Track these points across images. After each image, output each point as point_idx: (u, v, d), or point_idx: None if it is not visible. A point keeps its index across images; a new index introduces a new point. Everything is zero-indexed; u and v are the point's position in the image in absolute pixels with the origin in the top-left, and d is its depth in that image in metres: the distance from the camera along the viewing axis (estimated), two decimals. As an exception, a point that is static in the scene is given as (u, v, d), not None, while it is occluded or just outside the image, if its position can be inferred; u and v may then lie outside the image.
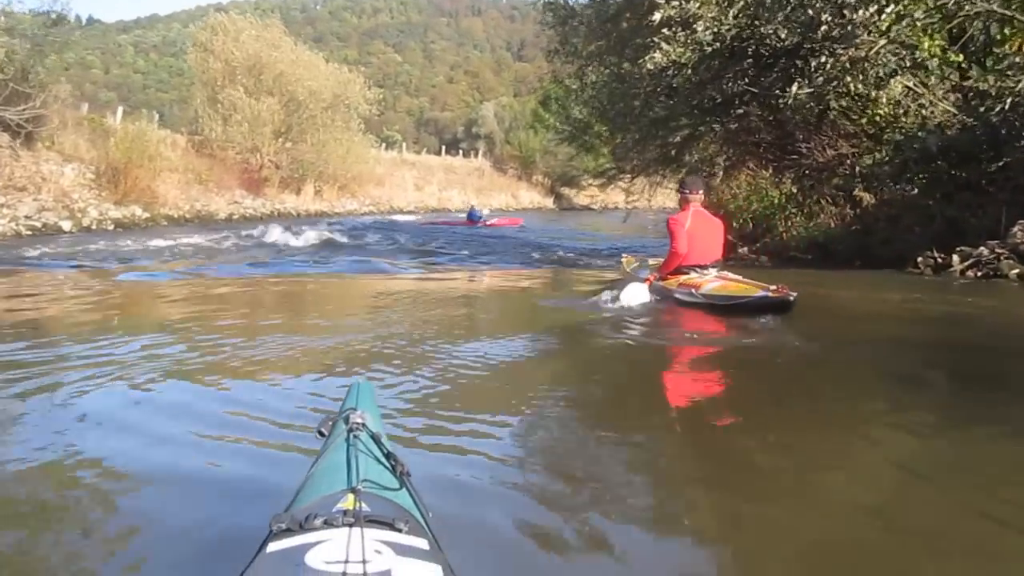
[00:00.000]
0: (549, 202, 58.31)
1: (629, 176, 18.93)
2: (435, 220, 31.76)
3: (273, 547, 1.58)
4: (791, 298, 6.96)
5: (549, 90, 62.43)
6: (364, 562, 1.47)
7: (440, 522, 1.98)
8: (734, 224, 13.70)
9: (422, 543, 1.65)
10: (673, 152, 14.77)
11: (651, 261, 9.39)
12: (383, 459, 2.07)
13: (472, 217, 29.00)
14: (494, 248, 17.41)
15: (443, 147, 67.93)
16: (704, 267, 8.02)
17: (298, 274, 11.59)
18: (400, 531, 1.65)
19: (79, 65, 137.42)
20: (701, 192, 8.29)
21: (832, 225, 12.41)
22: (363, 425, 2.20)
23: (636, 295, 7.90)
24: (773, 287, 7.10)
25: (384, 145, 54.33)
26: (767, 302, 7.10)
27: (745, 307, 7.22)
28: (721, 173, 14.71)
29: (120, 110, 29.71)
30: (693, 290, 7.76)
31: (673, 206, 10.13)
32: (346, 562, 1.47)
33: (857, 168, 12.44)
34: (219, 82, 32.37)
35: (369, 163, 39.93)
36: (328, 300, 9.73)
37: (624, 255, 11.00)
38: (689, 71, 10.89)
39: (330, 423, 2.37)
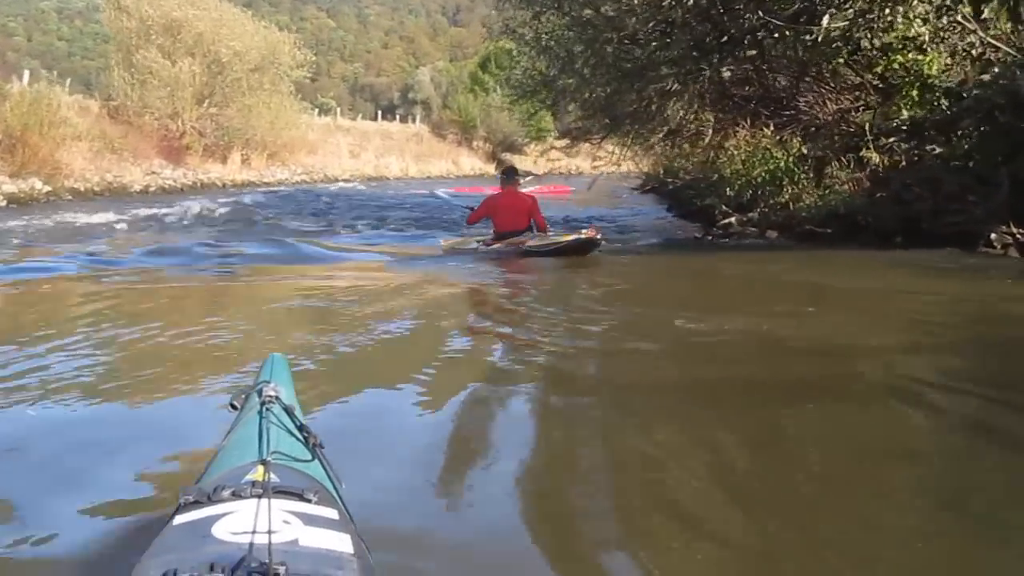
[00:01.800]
0: (491, 168, 56.17)
1: (598, 136, 16.74)
2: (463, 188, 28.97)
3: (180, 519, 1.58)
4: (599, 237, 9.22)
5: (489, 51, 60.80)
6: (270, 532, 1.45)
7: (353, 493, 1.99)
8: (728, 191, 11.74)
9: (331, 513, 1.65)
10: (653, 107, 12.69)
11: (473, 242, 10.49)
12: (295, 431, 2.06)
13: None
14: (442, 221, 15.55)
15: (379, 112, 65.44)
16: (520, 232, 9.88)
17: (215, 266, 9.57)
18: (309, 501, 1.65)
19: (1, 32, 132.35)
20: (517, 178, 10.68)
21: (849, 192, 10.44)
22: (276, 398, 2.17)
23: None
24: (585, 231, 9.30)
25: (318, 111, 51.89)
26: (579, 242, 9.15)
27: (563, 250, 9.18)
28: (710, 132, 12.53)
29: (27, 74, 27.04)
30: (519, 246, 9.63)
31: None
32: (253, 532, 1.46)
33: (869, 125, 10.58)
34: (134, 42, 29.86)
35: (300, 129, 37.42)
36: (249, 295, 8.09)
37: (442, 238, 11.43)
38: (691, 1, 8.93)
39: (243, 396, 2.34)
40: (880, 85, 11.16)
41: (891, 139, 10.65)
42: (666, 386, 4.39)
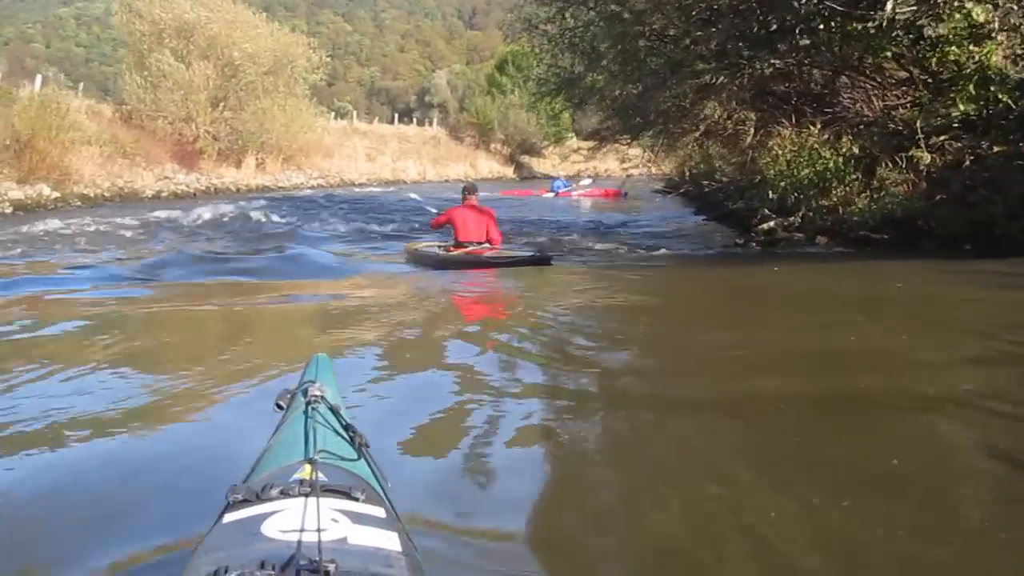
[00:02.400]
0: (509, 171, 55.54)
1: (628, 137, 15.86)
2: (515, 191, 32.00)
3: (229, 518, 1.58)
4: (550, 255, 10.08)
5: (507, 53, 60.12)
6: (319, 530, 1.45)
7: (400, 492, 1.99)
8: (770, 194, 10.88)
9: (379, 511, 1.65)
10: (688, 104, 11.87)
11: (435, 248, 11.04)
12: (341, 430, 2.05)
13: (553, 188, 30.40)
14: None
15: (396, 116, 64.93)
16: (480, 243, 10.52)
17: (226, 278, 9.11)
18: (357, 500, 1.65)
19: (20, 39, 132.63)
20: (476, 195, 11.06)
21: (904, 195, 9.58)
22: (321, 397, 2.13)
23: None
24: (538, 247, 10.43)
25: (334, 115, 51.38)
26: (534, 259, 9.88)
27: (516, 263, 9.82)
28: (751, 132, 11.58)
29: (39, 78, 26.49)
30: (479, 256, 10.25)
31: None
32: (301, 530, 1.46)
33: (919, 122, 9.82)
34: (146, 46, 29.40)
35: (316, 132, 36.88)
36: (268, 306, 7.45)
37: (406, 243, 12.19)
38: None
39: (289, 396, 2.32)
40: (929, 80, 10.42)
41: (942, 137, 9.91)
42: (706, 427, 3.82)
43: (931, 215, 9.09)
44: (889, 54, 10.11)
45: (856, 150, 10.17)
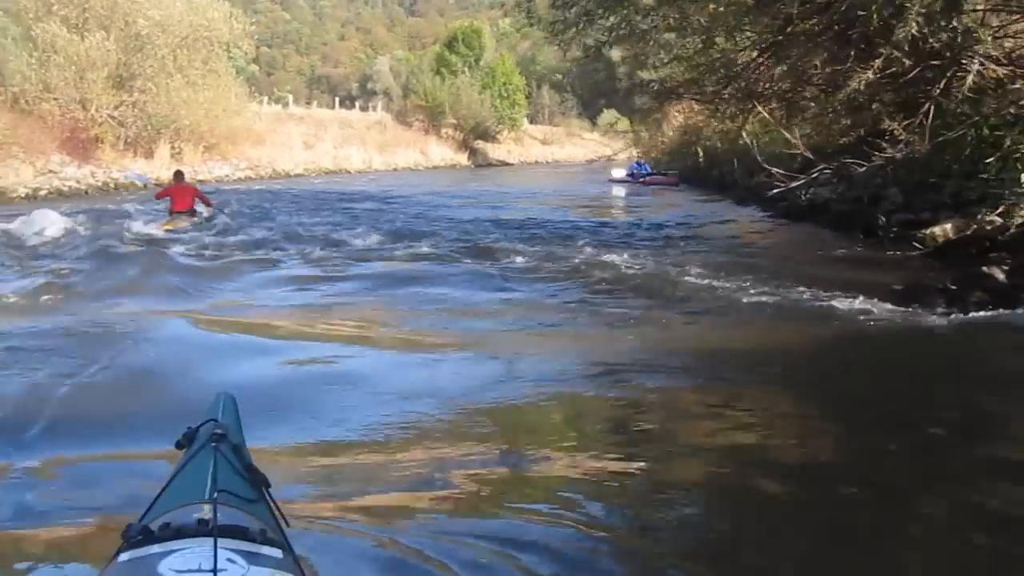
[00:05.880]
0: (463, 158, 51.14)
1: (710, 90, 10.60)
2: (618, 178, 29.99)
3: (124, 557, 1.56)
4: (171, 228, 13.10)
5: (455, 30, 55.98)
6: (216, 571, 1.45)
7: (300, 533, 2.03)
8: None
9: (276, 552, 1.63)
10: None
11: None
12: (242, 470, 1.98)
13: (631, 172, 29.10)
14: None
15: (337, 102, 60.47)
16: (186, 211, 13.79)
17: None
18: (254, 540, 1.63)
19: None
20: (183, 178, 14.88)
21: None
22: (224, 436, 2.04)
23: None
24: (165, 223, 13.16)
25: (267, 99, 46.61)
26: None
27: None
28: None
29: None
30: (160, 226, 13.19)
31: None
32: (198, 571, 1.46)
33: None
34: (32, 14, 24.58)
35: (245, 117, 32.03)
36: None
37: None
38: None
39: (191, 434, 2.17)
40: None
41: None
42: None
43: None
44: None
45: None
